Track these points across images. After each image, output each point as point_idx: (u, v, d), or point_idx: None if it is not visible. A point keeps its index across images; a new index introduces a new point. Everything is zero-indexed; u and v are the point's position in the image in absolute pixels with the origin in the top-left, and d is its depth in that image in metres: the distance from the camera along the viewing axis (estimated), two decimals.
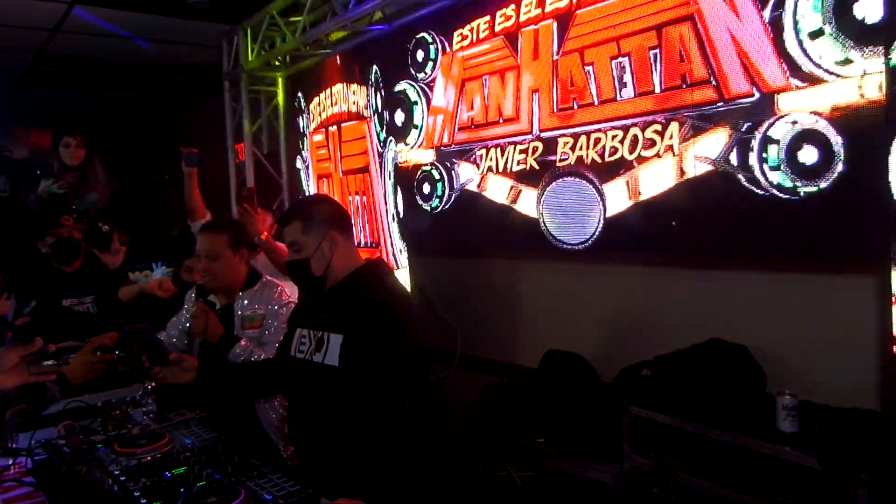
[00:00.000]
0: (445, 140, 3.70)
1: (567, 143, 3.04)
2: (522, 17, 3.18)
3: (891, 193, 1.74)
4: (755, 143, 2.34)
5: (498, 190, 3.42)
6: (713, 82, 2.45)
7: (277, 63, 5.15)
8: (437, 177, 3.78)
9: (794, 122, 2.24)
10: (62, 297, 3.37)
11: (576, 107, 2.97)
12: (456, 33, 3.54)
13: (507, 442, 3.36)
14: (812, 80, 2.19)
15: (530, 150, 3.22)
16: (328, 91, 4.73)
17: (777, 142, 2.28)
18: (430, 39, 3.72)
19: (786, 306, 2.62)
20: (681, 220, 2.63)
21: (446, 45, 3.62)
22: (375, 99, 4.22)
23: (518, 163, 3.29)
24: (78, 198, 3.82)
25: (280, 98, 5.40)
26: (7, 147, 5.74)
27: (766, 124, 2.31)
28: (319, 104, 4.89)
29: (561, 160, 3.07)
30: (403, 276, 4.11)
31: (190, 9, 4.69)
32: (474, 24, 3.43)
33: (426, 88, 3.79)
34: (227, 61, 5.29)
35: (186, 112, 8.12)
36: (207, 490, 1.67)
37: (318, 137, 4.96)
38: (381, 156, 4.25)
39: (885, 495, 1.92)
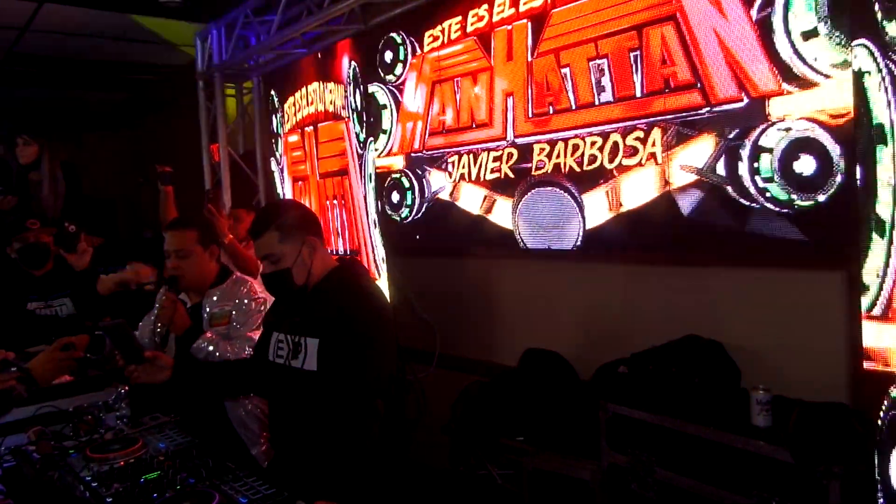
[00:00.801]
0: (416, 146, 3.61)
1: (543, 149, 2.95)
2: (496, 17, 3.12)
3: (856, 201, 1.74)
4: (745, 152, 2.22)
5: (471, 200, 3.33)
6: (698, 86, 2.34)
7: (252, 62, 5.10)
8: (407, 185, 3.68)
9: (788, 130, 2.11)
10: (28, 300, 3.32)
11: (552, 111, 2.89)
12: (427, 34, 3.47)
13: (486, 441, 3.35)
14: (806, 84, 2.07)
15: (504, 158, 3.14)
16: (304, 90, 4.69)
17: (769, 150, 2.16)
18: (399, 40, 3.64)
19: (759, 302, 2.65)
20: (664, 233, 2.57)
21: (417, 46, 3.54)
22: (354, 97, 4.14)
23: (492, 171, 3.20)
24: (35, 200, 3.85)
25: (255, 97, 5.35)
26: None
27: (756, 132, 2.19)
28: (294, 104, 4.84)
29: (537, 168, 2.98)
30: (384, 284, 4.07)
31: (163, 7, 4.64)
32: (446, 24, 3.36)
33: (396, 91, 3.71)
34: (200, 60, 5.23)
35: (160, 112, 8.01)
36: (181, 495, 1.65)
37: (294, 138, 4.90)
38: (360, 157, 4.20)
39: (856, 487, 1.95)
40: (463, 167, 3.36)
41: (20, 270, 3.34)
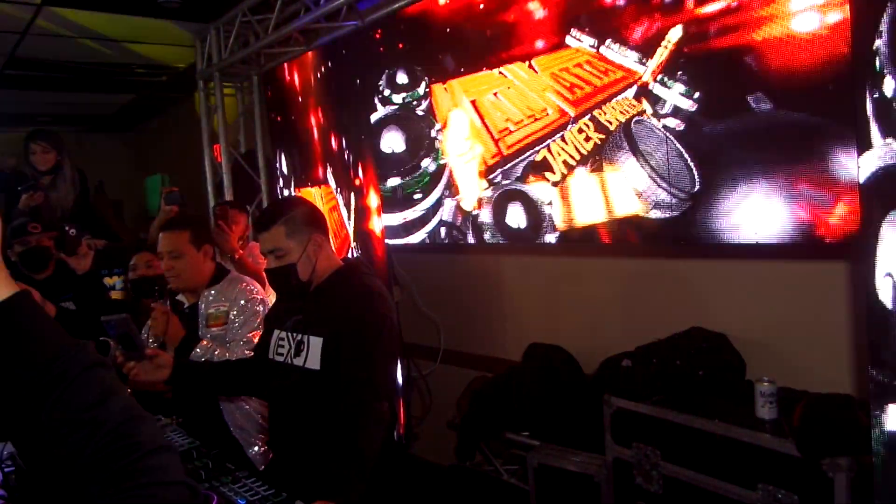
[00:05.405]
0: None
1: None
2: None
3: None
4: None
5: None
6: None
7: (251, 61, 5.09)
8: None
9: None
10: None
11: None
12: None
13: (492, 436, 3.35)
14: None
15: None
16: None
17: None
18: None
19: (764, 293, 2.63)
20: None
21: None
22: None
23: None
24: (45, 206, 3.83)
25: (255, 96, 5.33)
26: None
27: None
28: None
29: None
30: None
31: (161, 8, 4.62)
32: None
33: None
34: (200, 61, 5.22)
35: (163, 113, 8.04)
36: None
37: None
38: None
39: (862, 479, 1.93)
40: None
41: (21, 274, 3.33)
